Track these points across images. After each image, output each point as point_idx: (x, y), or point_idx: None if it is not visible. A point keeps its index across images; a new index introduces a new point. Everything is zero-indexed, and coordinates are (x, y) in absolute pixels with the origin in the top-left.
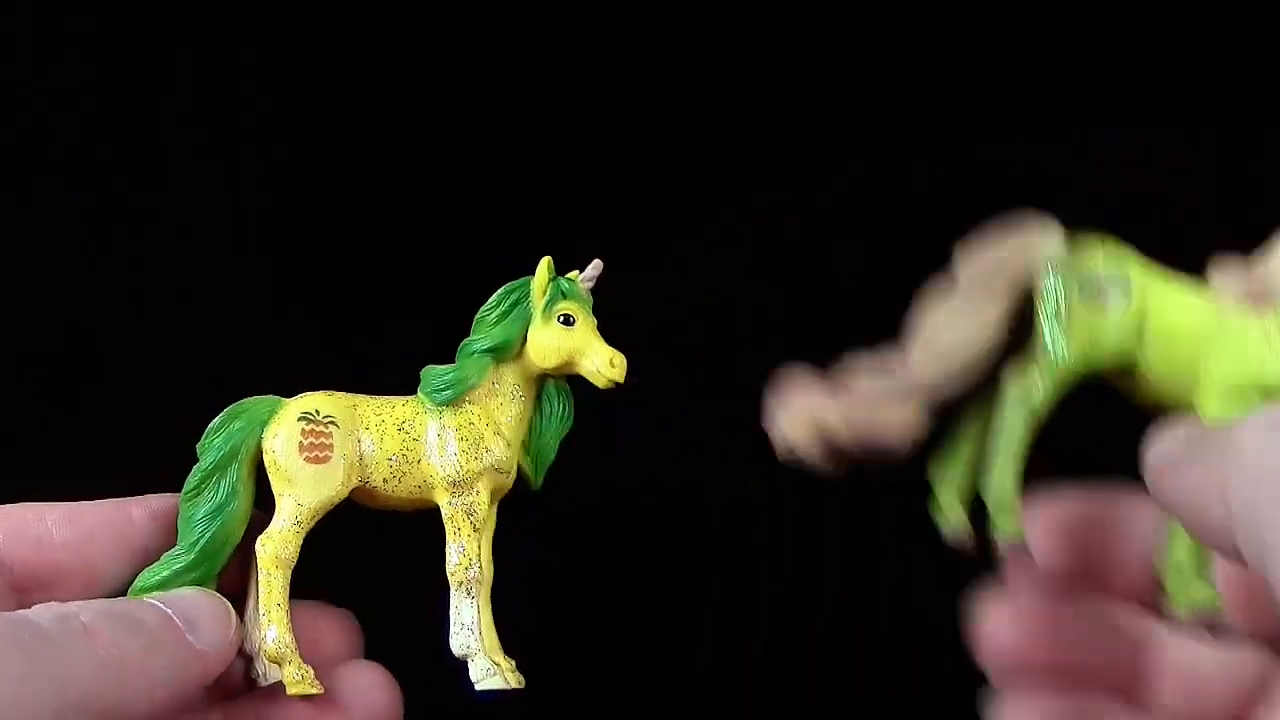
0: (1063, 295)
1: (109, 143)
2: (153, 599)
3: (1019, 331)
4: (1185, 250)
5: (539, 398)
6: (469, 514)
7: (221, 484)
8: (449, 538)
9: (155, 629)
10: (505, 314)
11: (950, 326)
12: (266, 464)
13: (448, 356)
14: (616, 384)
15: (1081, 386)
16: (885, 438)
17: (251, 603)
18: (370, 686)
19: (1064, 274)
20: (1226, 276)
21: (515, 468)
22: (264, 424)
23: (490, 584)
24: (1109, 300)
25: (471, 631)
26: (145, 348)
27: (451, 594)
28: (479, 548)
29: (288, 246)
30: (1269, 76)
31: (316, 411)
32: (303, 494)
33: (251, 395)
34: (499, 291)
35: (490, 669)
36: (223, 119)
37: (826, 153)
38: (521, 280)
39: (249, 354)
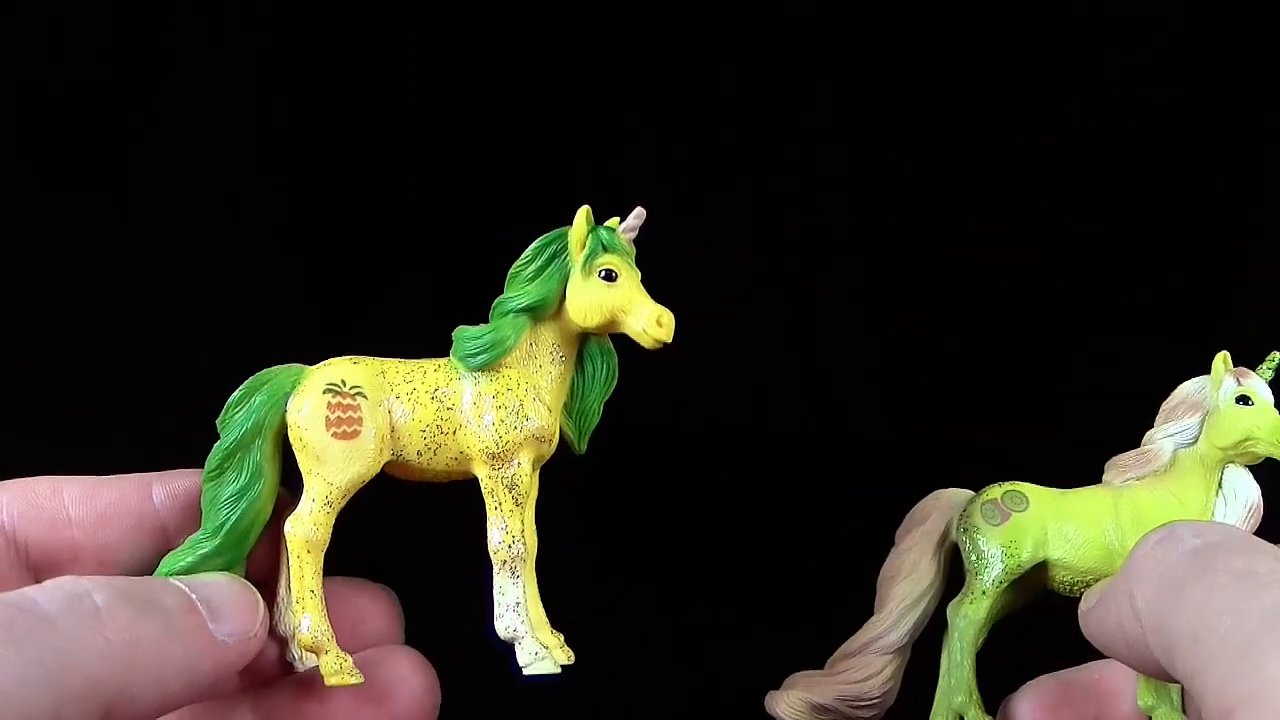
0: (977, 532)
1: (113, 113)
2: (177, 581)
3: (956, 573)
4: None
5: (580, 357)
6: (510, 487)
7: (245, 463)
8: (490, 513)
9: (174, 613)
10: (542, 269)
11: (895, 583)
12: (292, 440)
13: (453, 320)
14: (664, 344)
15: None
16: (872, 697)
17: (284, 584)
18: (409, 675)
19: (972, 514)
20: (1119, 467)
21: (557, 433)
22: (287, 396)
23: (535, 555)
24: (1011, 514)
25: (517, 613)
26: (154, 317)
27: (494, 574)
28: (521, 523)
29: (291, 214)
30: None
31: (342, 382)
32: (332, 472)
33: (256, 357)
34: (534, 244)
35: (539, 652)
36: (224, 91)
37: (824, 147)
38: (558, 231)
39: (257, 321)
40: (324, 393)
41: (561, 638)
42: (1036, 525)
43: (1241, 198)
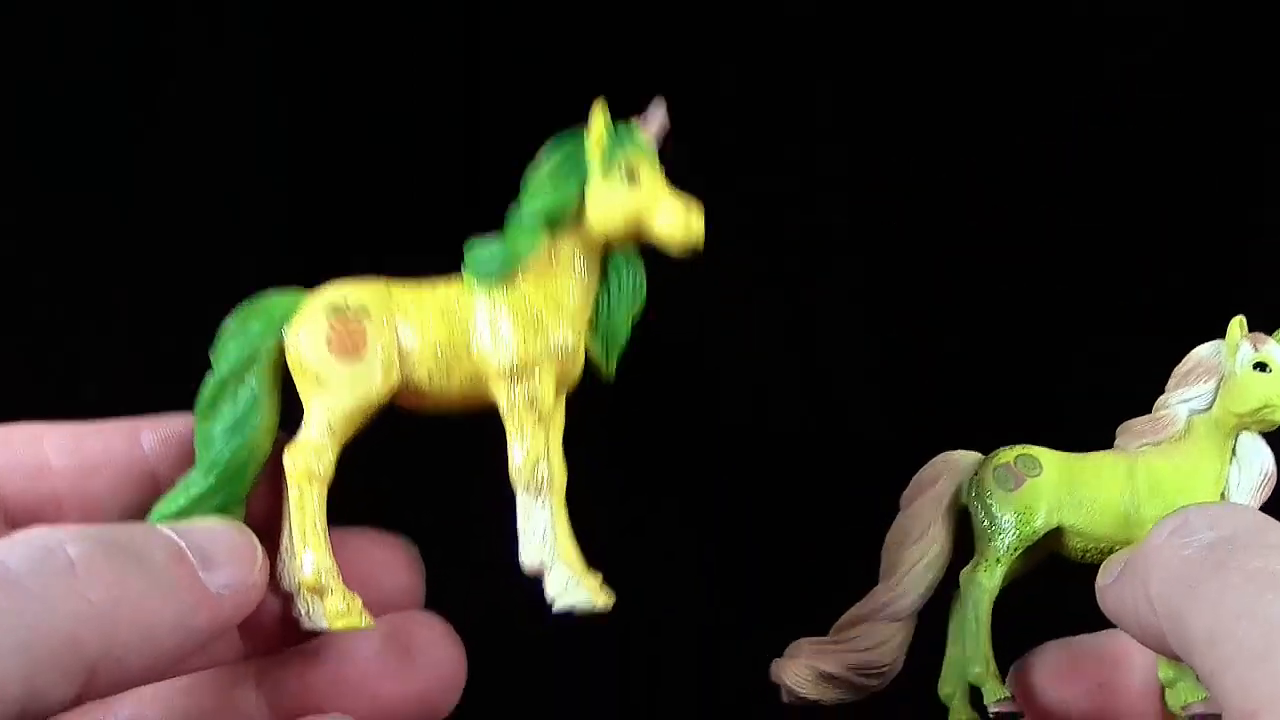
0: (990, 497)
1: (113, 113)
2: (166, 528)
3: (964, 542)
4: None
5: (604, 270)
6: (531, 404)
7: (241, 393)
8: (510, 433)
9: (161, 564)
10: (557, 173)
11: (903, 548)
12: (291, 366)
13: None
14: (695, 249)
15: None
16: (881, 665)
17: (286, 534)
18: (432, 645)
19: (984, 478)
20: (1132, 433)
21: (582, 353)
22: (285, 321)
23: (564, 488)
24: (1025, 479)
25: (544, 541)
26: (154, 317)
27: (518, 498)
28: (546, 443)
29: (291, 214)
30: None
31: (345, 301)
32: (335, 396)
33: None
34: (548, 146)
35: (571, 580)
36: (224, 91)
37: (824, 147)
38: (573, 131)
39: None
40: (326, 312)
41: (600, 577)
42: (1051, 491)
43: (1241, 198)
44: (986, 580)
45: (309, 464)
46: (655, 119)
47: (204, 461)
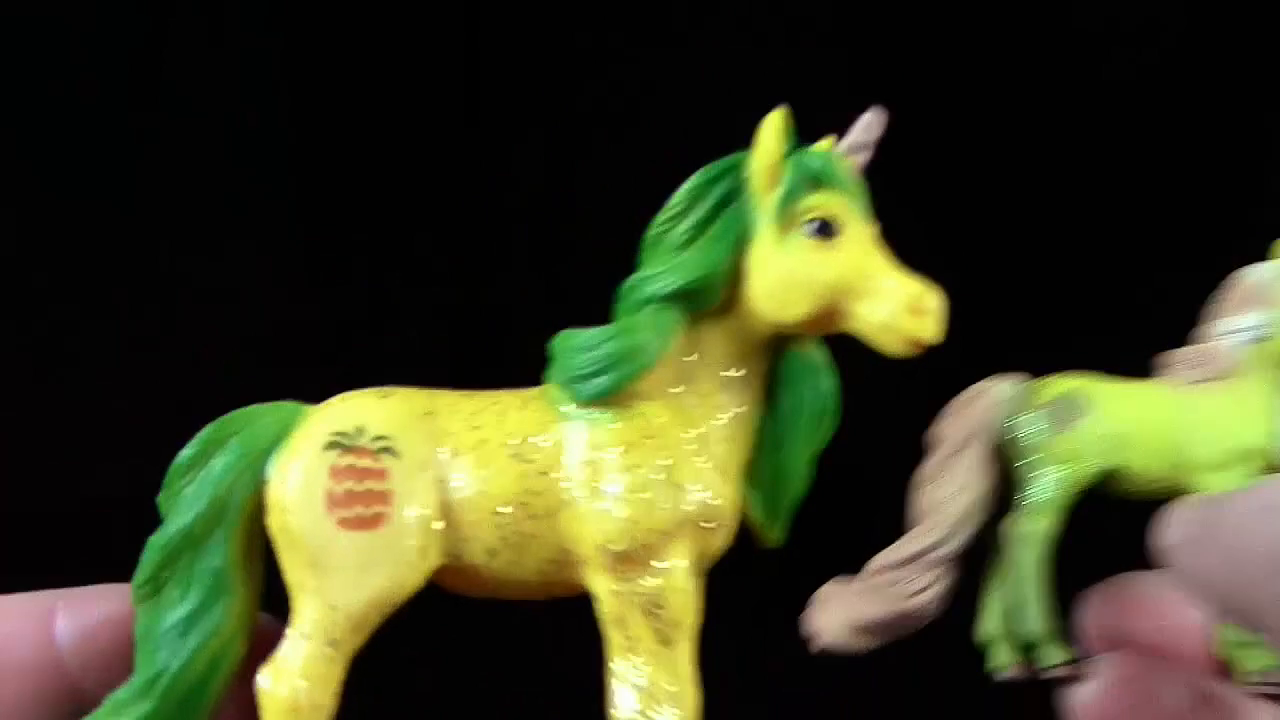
0: (1035, 439)
1: (113, 113)
2: None
3: (1004, 482)
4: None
5: (773, 378)
6: (650, 610)
7: (199, 570)
8: (614, 656)
9: None
10: (704, 224)
11: (943, 488)
12: (272, 531)
13: (466, 331)
14: (926, 348)
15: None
16: (918, 613)
17: None
18: None
19: (1027, 417)
20: (1180, 364)
21: (738, 517)
22: (268, 453)
23: None
24: (1075, 419)
25: None
26: (154, 317)
27: None
28: (675, 673)
29: (292, 214)
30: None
31: (358, 430)
32: (338, 588)
33: (257, 358)
34: (691, 182)
35: None
36: (224, 91)
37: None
38: (729, 160)
39: (259, 322)
40: (327, 448)
41: None
42: (1099, 433)
43: (1241, 198)
44: (1033, 530)
45: (294, 696)
46: (865, 139)
47: (145, 671)
